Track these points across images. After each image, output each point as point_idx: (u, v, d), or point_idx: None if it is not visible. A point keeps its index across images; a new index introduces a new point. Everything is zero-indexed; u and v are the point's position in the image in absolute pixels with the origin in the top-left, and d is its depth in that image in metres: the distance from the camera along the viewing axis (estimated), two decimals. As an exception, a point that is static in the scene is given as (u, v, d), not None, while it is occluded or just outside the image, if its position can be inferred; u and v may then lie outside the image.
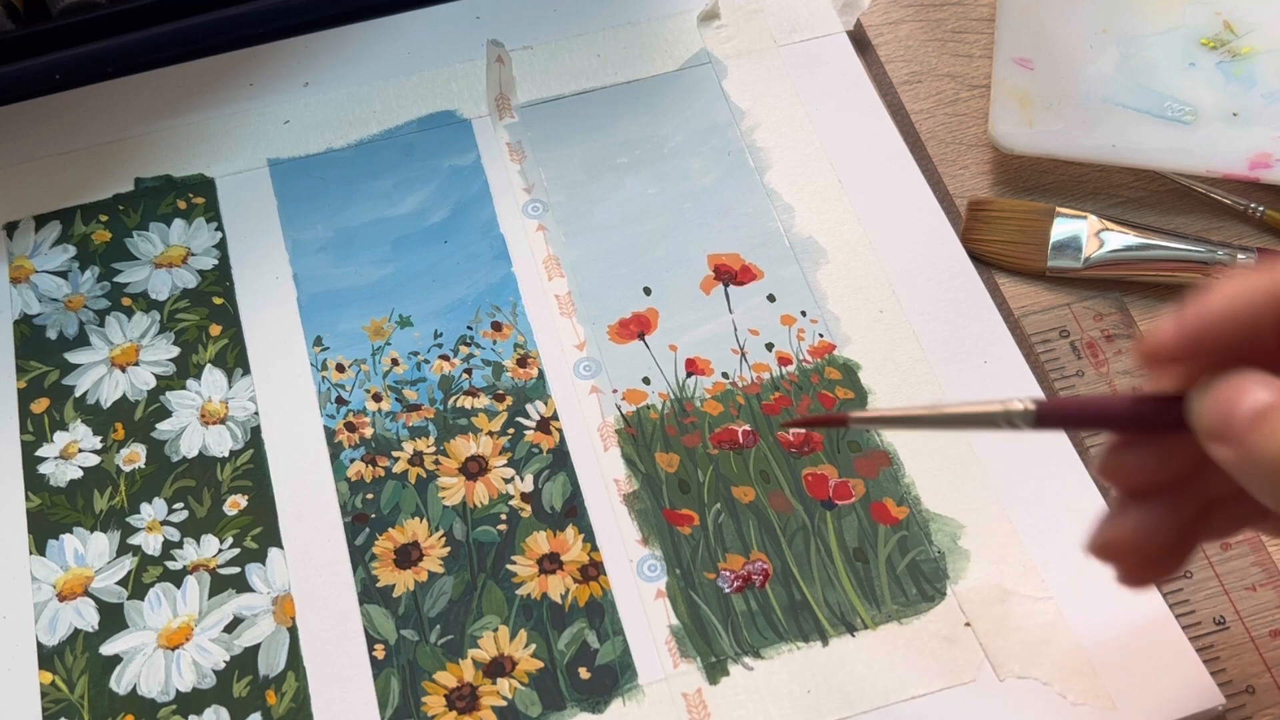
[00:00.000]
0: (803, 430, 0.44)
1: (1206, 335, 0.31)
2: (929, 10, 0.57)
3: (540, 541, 0.44)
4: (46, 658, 0.42)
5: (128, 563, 0.44)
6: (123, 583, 0.43)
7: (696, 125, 0.53)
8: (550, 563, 0.43)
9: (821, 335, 0.48)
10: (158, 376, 0.48)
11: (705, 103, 0.54)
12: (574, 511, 0.44)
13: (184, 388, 0.47)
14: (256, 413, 0.47)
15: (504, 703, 0.41)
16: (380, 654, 0.42)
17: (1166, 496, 0.34)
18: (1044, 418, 0.34)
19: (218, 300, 0.49)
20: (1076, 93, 0.51)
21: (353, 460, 0.45)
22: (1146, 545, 0.34)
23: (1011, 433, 0.34)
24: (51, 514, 0.45)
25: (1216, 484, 0.33)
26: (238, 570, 0.43)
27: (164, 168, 0.52)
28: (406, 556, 0.43)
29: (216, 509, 0.45)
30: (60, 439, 0.46)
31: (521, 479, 0.45)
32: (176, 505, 0.45)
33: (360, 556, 0.43)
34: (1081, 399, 0.34)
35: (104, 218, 0.51)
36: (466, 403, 0.47)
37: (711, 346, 0.48)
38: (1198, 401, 0.31)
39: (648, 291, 0.49)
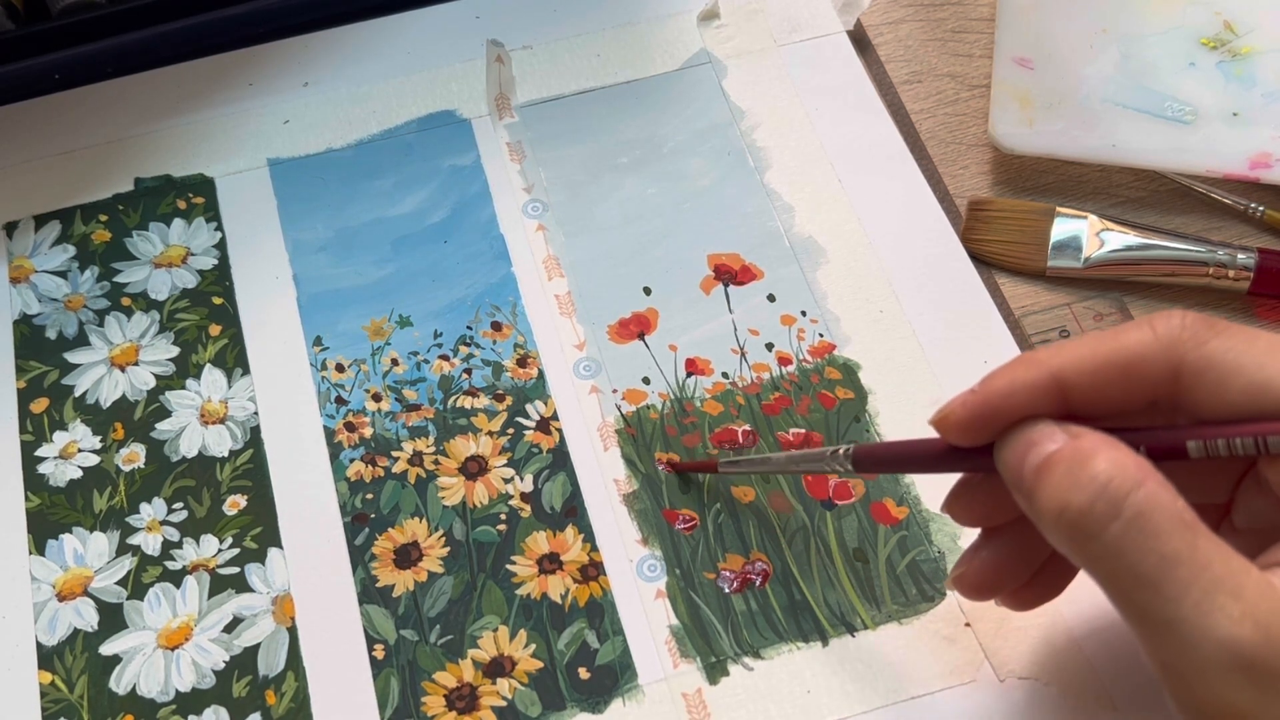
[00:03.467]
0: (673, 470, 0.45)
1: (990, 413, 0.33)
2: (929, 10, 0.57)
3: (540, 541, 0.44)
4: (46, 658, 0.42)
5: (127, 563, 0.44)
6: (122, 583, 0.43)
7: (696, 125, 0.53)
8: (550, 563, 0.43)
9: (821, 335, 0.48)
10: (157, 376, 0.48)
11: (705, 103, 0.54)
12: (574, 511, 0.44)
13: (183, 388, 0.47)
14: (256, 413, 0.47)
15: (504, 703, 0.41)
16: (380, 654, 0.42)
17: (1013, 533, 0.36)
18: (860, 461, 0.37)
19: (217, 300, 0.49)
20: (1076, 93, 0.51)
21: (352, 460, 0.45)
22: (998, 578, 0.37)
23: (845, 475, 0.36)
24: (51, 514, 0.45)
25: None
26: (237, 570, 0.43)
27: (164, 168, 0.52)
28: (406, 556, 0.43)
29: (216, 509, 0.45)
30: (60, 439, 0.46)
31: (521, 479, 0.45)
32: (176, 505, 0.45)
33: (360, 556, 0.43)
34: (897, 444, 0.38)
35: (104, 218, 0.51)
36: (466, 403, 0.47)
37: (711, 346, 0.48)
38: (998, 451, 0.33)
39: (648, 291, 0.49)
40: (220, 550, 0.44)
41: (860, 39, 0.56)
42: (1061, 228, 0.49)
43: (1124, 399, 0.33)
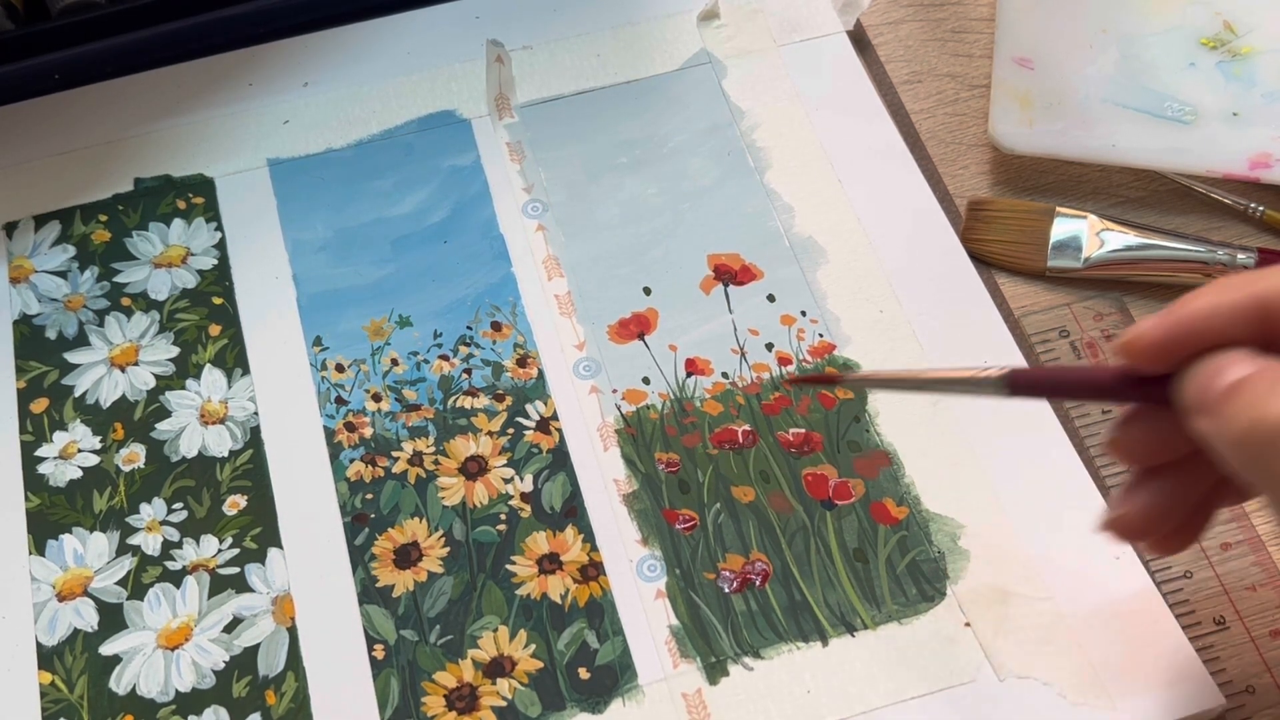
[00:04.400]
0: (796, 387, 0.44)
1: (1184, 335, 0.31)
2: (929, 10, 0.57)
3: (540, 541, 0.44)
4: (46, 658, 0.42)
5: (127, 563, 0.44)
6: (122, 583, 0.43)
7: (696, 125, 0.53)
8: (550, 563, 0.43)
9: (821, 335, 0.48)
10: (157, 376, 0.48)
11: (705, 103, 0.54)
12: (574, 511, 0.44)
13: (183, 388, 0.47)
14: (256, 413, 0.47)
15: (504, 703, 0.41)
16: (380, 654, 0.42)
17: (1176, 472, 0.34)
18: (1016, 384, 0.34)
19: (217, 300, 0.49)
20: (1076, 93, 0.51)
21: (352, 460, 0.45)
22: (1160, 520, 0.35)
23: (995, 400, 0.34)
24: (51, 514, 0.45)
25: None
26: (237, 570, 0.43)
27: (164, 168, 0.52)
28: (406, 556, 0.43)
29: (216, 509, 0.45)
30: (60, 439, 0.46)
31: (521, 479, 0.45)
32: (176, 505, 0.45)
33: (360, 556, 0.43)
34: (1060, 368, 0.35)
35: (103, 218, 0.51)
36: (466, 403, 0.47)
37: (711, 346, 0.48)
38: (1184, 380, 0.31)
39: (648, 291, 0.49)
40: (220, 550, 0.44)
41: (860, 39, 0.56)
42: (1061, 228, 0.49)
43: None
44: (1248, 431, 0.30)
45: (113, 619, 0.43)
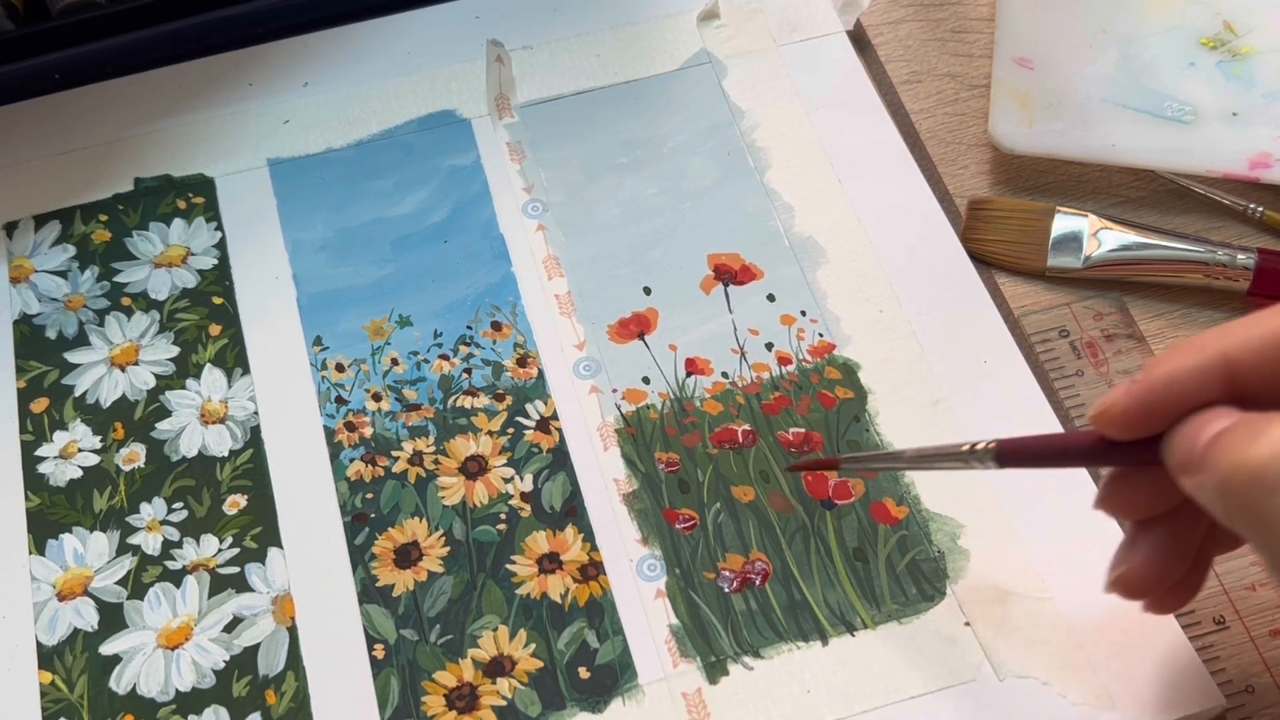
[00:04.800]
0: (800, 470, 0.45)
1: (1153, 402, 0.32)
2: (929, 10, 0.57)
3: (540, 541, 0.44)
4: (46, 658, 0.42)
5: (127, 562, 0.44)
6: (122, 582, 0.43)
7: (696, 125, 0.53)
8: (550, 562, 0.43)
9: (821, 335, 0.48)
10: (157, 376, 0.48)
11: (705, 103, 0.54)
12: (574, 511, 0.44)
13: (184, 387, 0.47)
14: (256, 412, 0.47)
15: (504, 702, 0.41)
16: (380, 654, 0.42)
17: (1170, 523, 0.35)
18: (1004, 457, 0.36)
19: (217, 300, 0.49)
20: (1076, 93, 0.51)
21: (352, 460, 0.45)
22: (1160, 573, 0.35)
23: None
24: (51, 514, 0.45)
25: None
26: (237, 570, 0.43)
27: (164, 168, 0.52)
28: (406, 556, 0.43)
29: (216, 509, 0.45)
30: (60, 439, 0.46)
31: (521, 479, 0.45)
32: (176, 505, 0.45)
33: (360, 556, 0.43)
34: (1046, 438, 0.36)
35: (104, 217, 0.51)
36: (466, 402, 0.47)
37: (711, 346, 0.48)
38: (1168, 442, 0.32)
39: (648, 291, 0.49)
40: (220, 550, 0.44)
41: (860, 39, 0.56)
42: (1061, 227, 0.49)
43: None
44: (1228, 478, 0.30)
45: (113, 618, 0.43)
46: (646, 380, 0.47)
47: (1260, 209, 0.50)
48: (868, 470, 0.43)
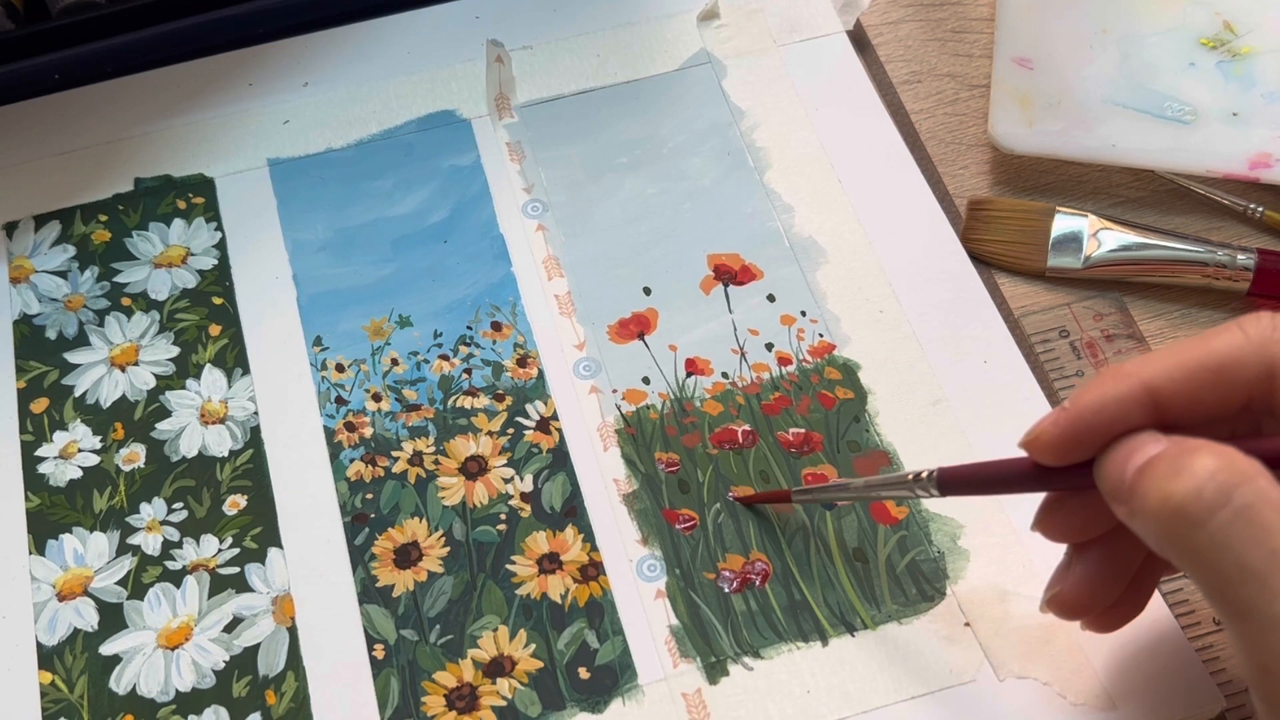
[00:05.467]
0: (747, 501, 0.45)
1: (1082, 429, 0.33)
2: (929, 10, 0.57)
3: (540, 541, 0.44)
4: (46, 658, 0.42)
5: (127, 563, 0.44)
6: (122, 583, 0.43)
7: (696, 125, 0.53)
8: (550, 563, 0.43)
9: (821, 335, 0.48)
10: (157, 376, 0.48)
11: (705, 103, 0.54)
12: (574, 511, 0.44)
13: (184, 388, 0.47)
14: (256, 413, 0.47)
15: (504, 703, 0.41)
16: (380, 654, 0.42)
17: (1106, 547, 0.36)
18: (945, 484, 0.37)
19: (217, 300, 0.49)
20: (1076, 93, 0.51)
21: (352, 460, 0.45)
22: (1094, 596, 0.36)
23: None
24: (51, 514, 0.45)
25: None
26: (237, 570, 0.43)
27: (164, 168, 0.52)
28: (406, 556, 0.43)
29: (216, 509, 0.45)
30: (60, 439, 0.46)
31: (521, 479, 0.45)
32: (176, 505, 0.45)
33: (360, 556, 0.43)
34: (984, 465, 0.37)
35: (104, 218, 0.51)
36: (466, 403, 0.47)
37: (711, 346, 0.48)
38: (1098, 465, 0.33)
39: (648, 291, 0.49)
40: (220, 550, 0.44)
41: (860, 39, 0.56)
42: (1061, 228, 0.49)
43: (1217, 405, 0.32)
44: (1155, 512, 0.31)
45: (113, 619, 0.43)
46: (646, 380, 0.47)
47: (1260, 209, 0.50)
48: (818, 501, 0.43)
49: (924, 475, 0.37)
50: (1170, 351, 0.33)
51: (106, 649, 0.42)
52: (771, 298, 0.49)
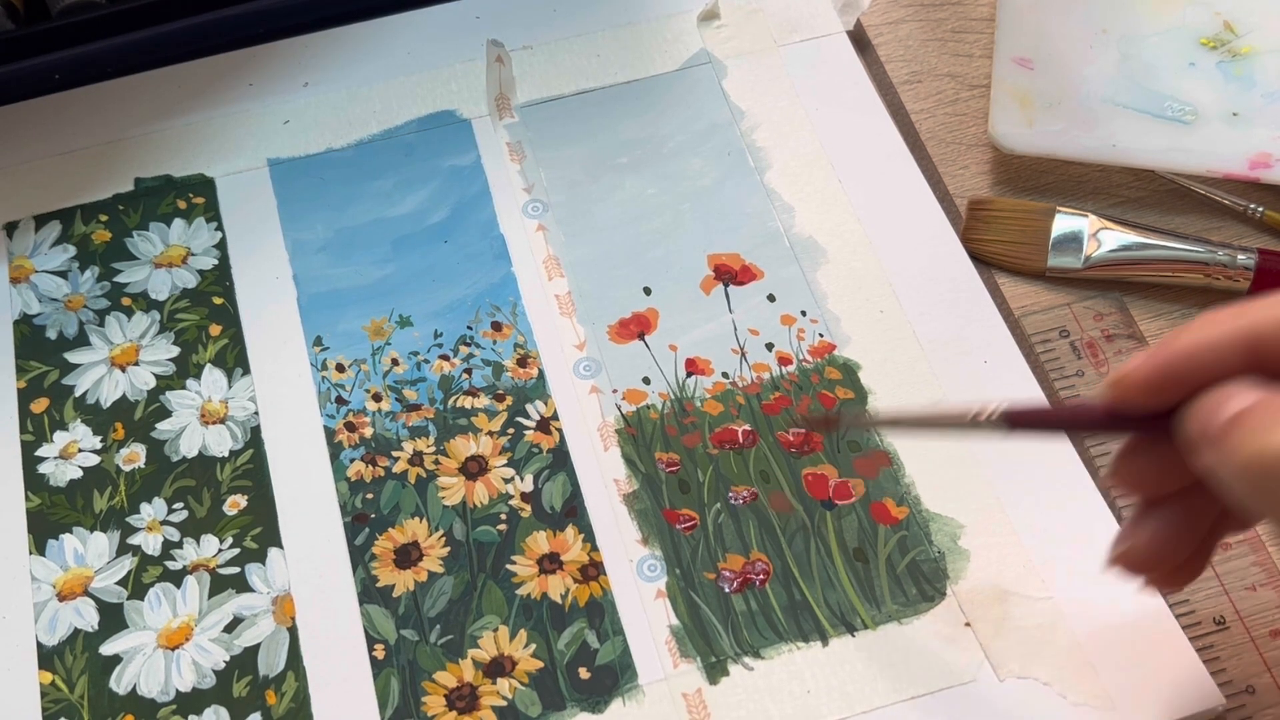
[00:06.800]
0: (804, 430, 0.44)
1: (1173, 372, 0.32)
2: (929, 10, 0.57)
3: (540, 541, 0.44)
4: (46, 658, 0.42)
5: (127, 563, 0.44)
6: (122, 583, 0.43)
7: (696, 125, 0.53)
8: (550, 563, 0.43)
9: (821, 335, 0.48)
10: (157, 376, 0.48)
11: (705, 103, 0.54)
12: (574, 511, 0.44)
13: (184, 388, 0.47)
14: (256, 413, 0.47)
15: (504, 703, 0.41)
16: (380, 654, 0.42)
17: (1181, 503, 0.34)
18: (1012, 422, 0.35)
19: (218, 300, 0.49)
20: (1076, 93, 0.51)
21: (352, 460, 0.45)
22: (1164, 552, 0.35)
23: (993, 436, 0.35)
24: (51, 514, 0.45)
25: None
26: (237, 570, 0.43)
27: (164, 168, 0.52)
28: (406, 556, 0.43)
29: (216, 509, 0.45)
30: (60, 439, 0.46)
31: (521, 479, 0.45)
32: (176, 505, 0.45)
33: (360, 556, 0.43)
34: (1054, 407, 0.35)
35: (104, 218, 0.51)
36: (466, 403, 0.47)
37: (711, 346, 0.48)
38: (1186, 414, 0.32)
39: (648, 291, 0.49)
40: (220, 550, 0.44)
41: (860, 39, 0.56)
42: (1061, 228, 0.49)
43: None
44: (1251, 463, 0.30)
45: (113, 619, 0.43)
46: (647, 380, 0.47)
47: (1260, 209, 0.50)
48: (871, 426, 0.43)
49: (989, 412, 0.35)
50: (1274, 299, 0.31)
51: (107, 649, 0.42)
52: (772, 298, 0.49)
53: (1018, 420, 0.35)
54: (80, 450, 0.46)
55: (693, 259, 0.50)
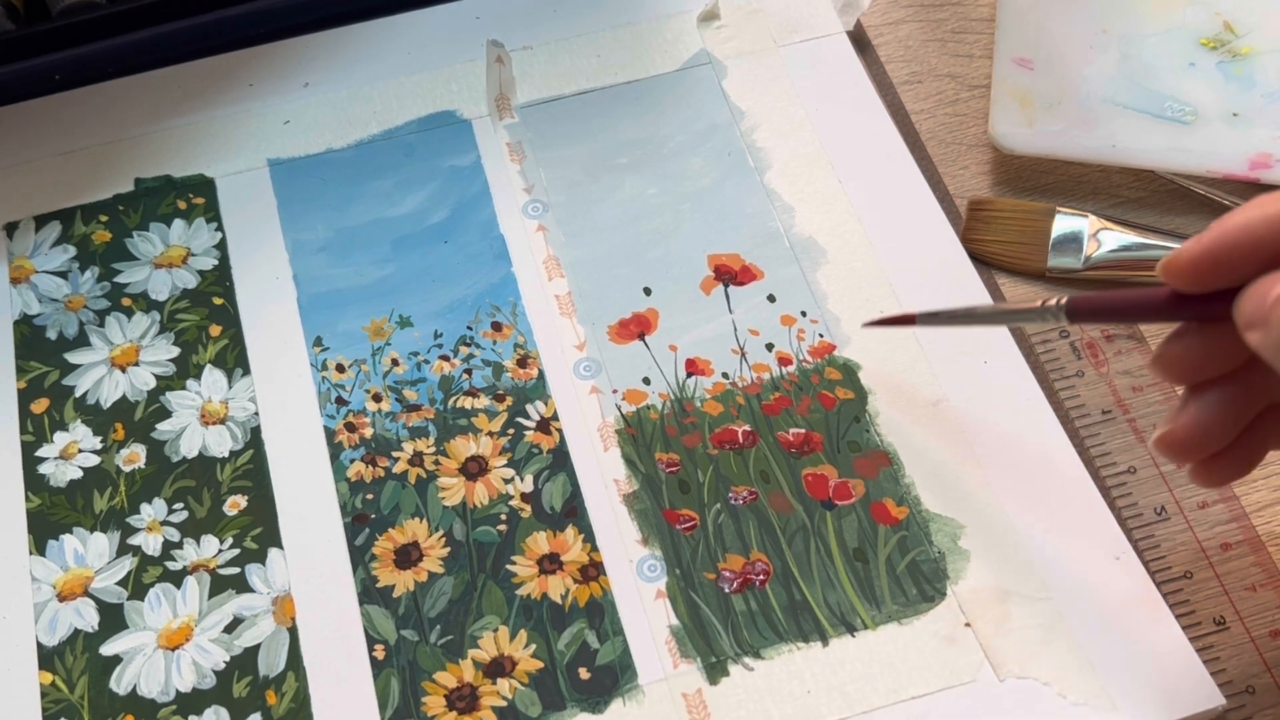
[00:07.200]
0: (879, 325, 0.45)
1: (1221, 252, 0.32)
2: (929, 10, 0.57)
3: (540, 542, 0.44)
4: (46, 658, 0.42)
5: (128, 563, 0.44)
6: (123, 583, 0.43)
7: (696, 125, 0.53)
8: (550, 563, 0.43)
9: (821, 335, 0.48)
10: (158, 377, 0.48)
11: (705, 103, 0.54)
12: (574, 512, 0.44)
13: (184, 388, 0.47)
14: (256, 413, 0.47)
15: (504, 703, 0.41)
16: (380, 654, 0.42)
17: (1222, 389, 0.36)
18: (1075, 311, 0.36)
19: (218, 300, 0.49)
20: (1076, 93, 0.51)
21: (353, 460, 0.45)
22: (1203, 437, 0.36)
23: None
24: (51, 514, 0.45)
25: (1277, 382, 0.35)
26: (238, 570, 0.43)
27: (164, 168, 0.52)
28: (406, 557, 0.44)
29: (216, 509, 0.45)
30: (60, 439, 0.46)
31: (521, 479, 0.45)
32: (176, 505, 0.45)
33: (360, 557, 0.44)
34: (1116, 293, 0.37)
35: (104, 218, 0.51)
36: (466, 403, 0.47)
37: (711, 346, 0.48)
38: (1240, 299, 0.32)
39: (648, 292, 0.49)
40: (220, 550, 0.44)
41: (860, 39, 0.56)
42: (1061, 228, 0.49)
43: None
44: None
45: (113, 619, 0.43)
46: (647, 381, 0.47)
47: (1260, 209, 0.50)
48: (944, 324, 0.43)
49: (1054, 303, 0.37)
50: None
51: (107, 649, 0.42)
52: (772, 298, 0.49)
53: (1081, 308, 0.36)
54: (80, 451, 0.46)
55: (693, 259, 0.50)
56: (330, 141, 0.53)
